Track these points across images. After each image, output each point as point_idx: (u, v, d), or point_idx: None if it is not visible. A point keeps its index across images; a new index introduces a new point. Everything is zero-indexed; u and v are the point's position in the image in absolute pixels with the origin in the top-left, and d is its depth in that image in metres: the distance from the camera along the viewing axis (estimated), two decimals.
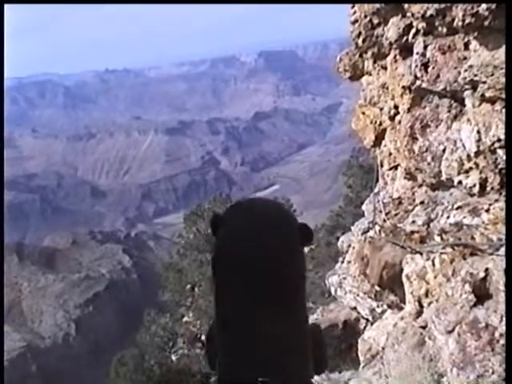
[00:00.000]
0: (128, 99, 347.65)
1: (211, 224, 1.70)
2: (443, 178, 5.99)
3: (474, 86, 5.40)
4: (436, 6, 5.40)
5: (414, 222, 6.25)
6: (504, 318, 4.58)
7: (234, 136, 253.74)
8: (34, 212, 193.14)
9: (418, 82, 6.07)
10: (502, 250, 4.99)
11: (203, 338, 22.01)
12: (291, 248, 1.64)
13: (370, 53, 7.28)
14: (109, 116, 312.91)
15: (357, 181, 21.90)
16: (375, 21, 6.77)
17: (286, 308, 1.56)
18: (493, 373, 4.48)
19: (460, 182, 5.79)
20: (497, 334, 4.55)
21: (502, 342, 4.50)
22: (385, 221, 6.89)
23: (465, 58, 5.50)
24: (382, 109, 7.33)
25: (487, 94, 5.25)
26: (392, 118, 7.03)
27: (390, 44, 6.66)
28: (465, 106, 5.73)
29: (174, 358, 20.97)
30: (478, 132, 5.41)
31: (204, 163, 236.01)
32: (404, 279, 5.85)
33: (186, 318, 23.17)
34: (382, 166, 7.80)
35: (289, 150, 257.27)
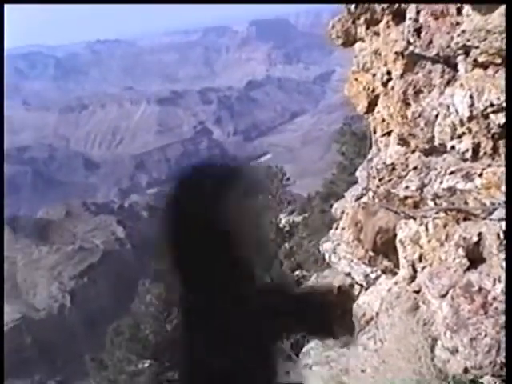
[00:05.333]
0: (120, 70, 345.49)
1: None
2: (436, 143, 6.00)
3: (466, 51, 5.39)
4: None
5: (407, 187, 6.28)
6: (497, 282, 4.63)
7: (226, 105, 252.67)
8: (27, 184, 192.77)
9: (411, 48, 6.06)
10: (495, 214, 5.03)
11: None
12: None
13: (362, 19, 7.27)
14: (101, 87, 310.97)
15: (350, 148, 21.85)
16: None
17: None
18: (486, 335, 4.53)
19: (453, 147, 5.80)
20: (490, 298, 4.60)
21: (495, 305, 4.54)
22: (378, 187, 6.91)
23: (457, 23, 5.49)
24: (374, 75, 7.33)
25: (480, 59, 5.25)
26: (385, 84, 7.02)
27: (383, 10, 6.66)
28: (457, 71, 5.73)
29: (168, 327, 21.06)
30: (471, 97, 5.41)
31: (196, 133, 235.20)
32: (398, 244, 5.89)
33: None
34: (375, 132, 7.82)
35: (281, 118, 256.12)
